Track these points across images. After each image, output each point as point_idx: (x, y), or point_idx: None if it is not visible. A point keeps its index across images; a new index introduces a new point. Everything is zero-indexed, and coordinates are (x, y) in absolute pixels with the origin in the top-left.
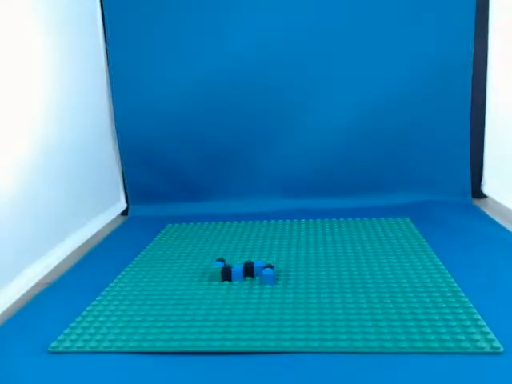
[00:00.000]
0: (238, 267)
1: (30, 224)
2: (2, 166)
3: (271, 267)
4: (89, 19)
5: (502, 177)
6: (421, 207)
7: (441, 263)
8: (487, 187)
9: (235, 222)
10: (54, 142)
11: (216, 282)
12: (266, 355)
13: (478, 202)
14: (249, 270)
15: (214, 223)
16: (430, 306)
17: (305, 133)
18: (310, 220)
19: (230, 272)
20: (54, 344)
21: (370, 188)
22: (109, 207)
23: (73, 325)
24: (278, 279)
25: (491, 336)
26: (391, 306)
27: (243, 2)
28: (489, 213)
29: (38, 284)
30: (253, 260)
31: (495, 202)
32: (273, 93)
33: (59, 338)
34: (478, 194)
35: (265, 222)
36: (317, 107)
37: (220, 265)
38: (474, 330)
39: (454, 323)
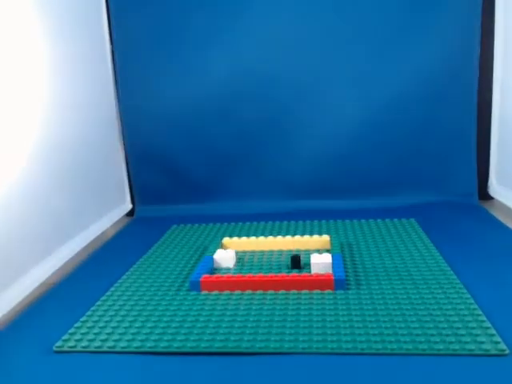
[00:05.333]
0: None
1: (35, 224)
2: (7, 166)
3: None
4: (94, 20)
5: (508, 178)
6: (426, 209)
7: (446, 265)
8: (493, 189)
9: (240, 223)
10: (60, 142)
11: None
12: (267, 355)
13: (484, 204)
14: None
15: (218, 224)
16: (435, 307)
17: (309, 134)
18: (315, 221)
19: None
20: (58, 343)
21: (375, 189)
22: (114, 208)
23: (78, 324)
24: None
25: (497, 338)
26: (396, 307)
27: (252, 9)
28: (495, 214)
29: (43, 284)
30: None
31: (502, 203)
32: (277, 96)
33: (64, 337)
34: (484, 195)
35: (269, 223)
36: (321, 109)
37: None
38: (479, 332)
39: (459, 325)
